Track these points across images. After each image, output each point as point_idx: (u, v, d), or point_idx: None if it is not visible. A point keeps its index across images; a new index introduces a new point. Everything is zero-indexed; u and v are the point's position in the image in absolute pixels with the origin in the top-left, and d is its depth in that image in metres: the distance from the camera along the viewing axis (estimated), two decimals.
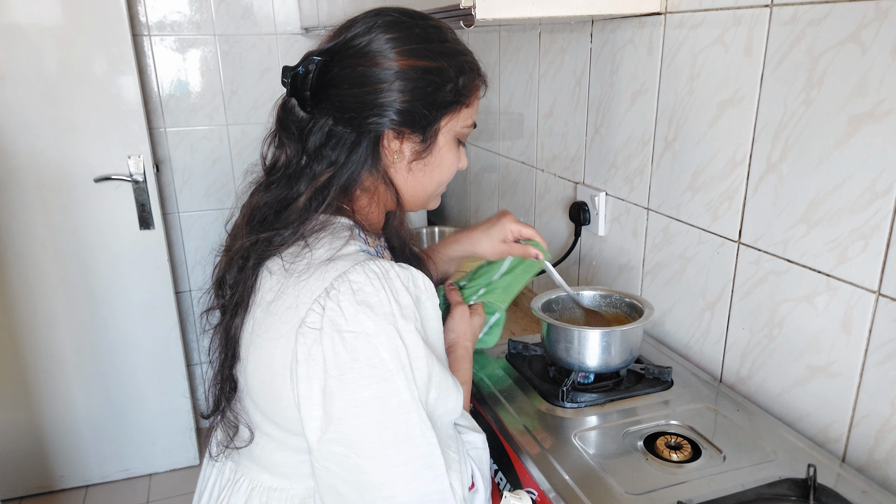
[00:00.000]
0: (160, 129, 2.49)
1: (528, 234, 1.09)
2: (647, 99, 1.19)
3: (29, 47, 2.07)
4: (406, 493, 0.75)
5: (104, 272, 2.33)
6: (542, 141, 1.58)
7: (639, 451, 0.89)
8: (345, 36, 0.82)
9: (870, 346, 0.85)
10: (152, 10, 2.38)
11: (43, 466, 2.47)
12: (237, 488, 0.89)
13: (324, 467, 0.76)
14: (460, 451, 0.81)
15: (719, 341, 1.10)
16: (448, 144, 0.86)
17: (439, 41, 0.83)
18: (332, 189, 0.82)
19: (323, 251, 0.78)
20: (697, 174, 1.09)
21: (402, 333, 0.74)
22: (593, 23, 1.32)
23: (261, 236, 0.81)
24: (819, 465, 0.81)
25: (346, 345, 0.72)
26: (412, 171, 0.86)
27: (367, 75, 0.80)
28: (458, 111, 0.85)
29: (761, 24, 0.94)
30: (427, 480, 0.75)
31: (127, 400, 2.48)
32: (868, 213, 0.82)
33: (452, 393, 0.80)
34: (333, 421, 0.73)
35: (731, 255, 1.05)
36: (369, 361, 0.72)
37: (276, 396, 0.79)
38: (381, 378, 0.73)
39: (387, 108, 0.80)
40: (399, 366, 0.73)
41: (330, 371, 0.73)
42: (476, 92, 0.86)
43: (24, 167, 2.17)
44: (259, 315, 0.80)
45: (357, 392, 0.73)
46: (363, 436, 0.74)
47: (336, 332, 0.72)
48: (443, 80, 0.82)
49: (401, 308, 0.75)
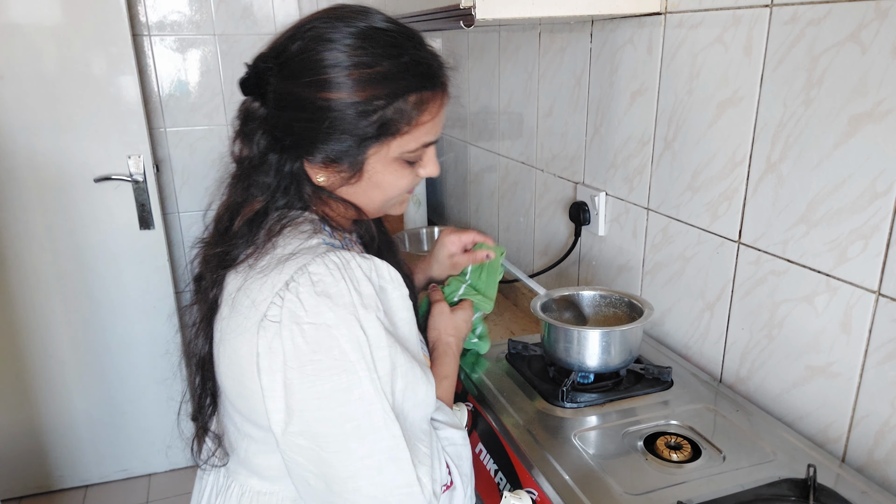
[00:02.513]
0: (160, 128, 2.49)
1: (470, 239, 1.10)
2: (646, 99, 1.19)
3: (28, 47, 2.07)
4: (372, 487, 0.74)
5: (104, 272, 2.33)
6: (542, 141, 1.58)
7: (638, 452, 0.89)
8: (289, 42, 0.78)
9: (870, 346, 0.85)
10: (152, 9, 2.38)
11: (42, 466, 2.47)
12: (229, 494, 0.89)
13: (292, 460, 0.76)
14: (433, 447, 0.80)
15: (719, 341, 1.10)
16: (385, 169, 0.81)
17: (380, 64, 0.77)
18: (269, 215, 0.81)
19: (285, 247, 0.78)
20: (697, 174, 1.09)
21: (363, 323, 0.73)
22: (593, 23, 1.32)
23: (217, 250, 0.82)
24: (819, 466, 0.81)
25: (306, 337, 0.72)
26: (348, 193, 0.84)
27: (291, 99, 0.77)
28: (389, 142, 0.79)
29: (761, 23, 0.94)
30: (393, 473, 0.75)
31: (126, 400, 2.47)
32: (868, 213, 0.82)
33: (422, 385, 0.79)
34: (295, 413, 0.73)
35: (731, 255, 1.05)
36: (330, 353, 0.72)
37: (247, 393, 0.78)
38: (341, 369, 0.72)
39: (305, 141, 0.78)
40: (360, 356, 0.73)
41: (290, 363, 0.72)
42: (419, 116, 0.79)
43: (24, 167, 2.17)
44: (226, 312, 0.80)
45: (318, 384, 0.72)
46: (326, 428, 0.73)
47: (296, 324, 0.72)
48: (367, 112, 0.76)
49: (361, 298, 0.74)
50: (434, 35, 2.24)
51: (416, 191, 2.16)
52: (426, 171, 0.86)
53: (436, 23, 1.21)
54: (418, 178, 0.86)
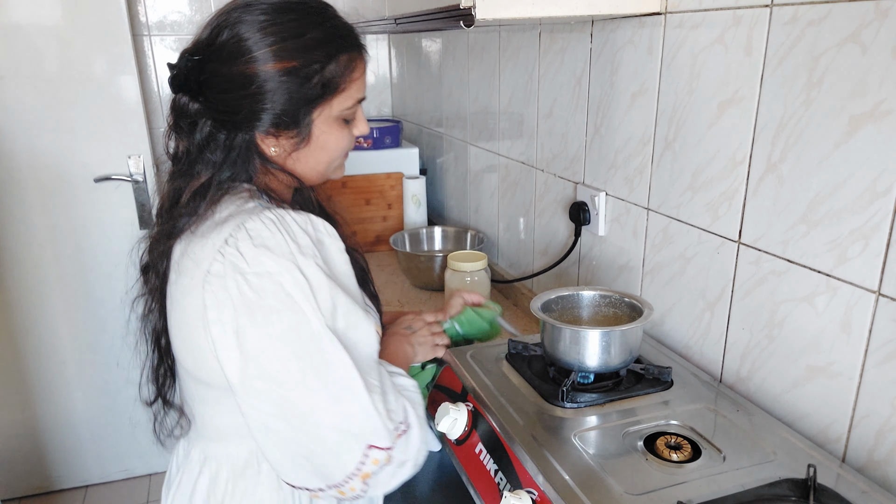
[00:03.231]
0: (160, 129, 2.49)
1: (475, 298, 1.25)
2: (647, 99, 1.19)
3: (29, 47, 2.07)
4: (331, 417, 0.79)
5: (104, 272, 2.33)
6: (542, 141, 1.58)
7: (639, 452, 0.89)
8: (214, 33, 0.85)
9: (870, 346, 0.85)
10: (152, 10, 2.38)
11: (42, 467, 2.47)
12: (190, 461, 0.96)
13: (251, 406, 0.80)
14: (384, 380, 0.85)
15: (719, 341, 1.10)
16: (329, 129, 0.89)
17: (309, 31, 0.84)
18: (213, 187, 0.86)
19: (222, 212, 0.84)
20: (697, 174, 1.10)
21: (303, 269, 0.79)
22: (593, 23, 1.32)
23: (164, 226, 0.88)
24: (819, 465, 0.81)
25: (251, 285, 0.77)
26: (297, 159, 0.90)
27: (233, 79, 0.83)
28: (331, 100, 0.87)
29: (761, 24, 0.94)
30: (349, 401, 0.79)
31: (127, 400, 2.47)
32: (868, 213, 0.82)
33: (363, 323, 0.84)
34: (251, 358, 0.78)
35: (731, 255, 1.05)
36: (276, 297, 0.77)
37: (197, 352, 0.83)
38: (289, 311, 0.77)
39: (255, 114, 0.84)
40: (304, 297, 0.78)
41: (240, 311, 0.77)
42: (351, 74, 0.87)
43: (24, 167, 2.17)
44: (173, 278, 0.86)
45: (268, 327, 0.77)
46: (282, 367, 0.78)
47: (239, 274, 0.78)
48: (308, 75, 0.84)
49: (299, 247, 0.80)
50: (434, 35, 2.25)
51: (416, 191, 2.16)
52: (358, 129, 0.94)
53: (436, 23, 1.21)
54: (353, 138, 0.94)
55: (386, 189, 2.21)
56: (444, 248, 2.08)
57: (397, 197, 2.22)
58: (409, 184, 2.16)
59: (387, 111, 2.91)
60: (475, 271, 1.58)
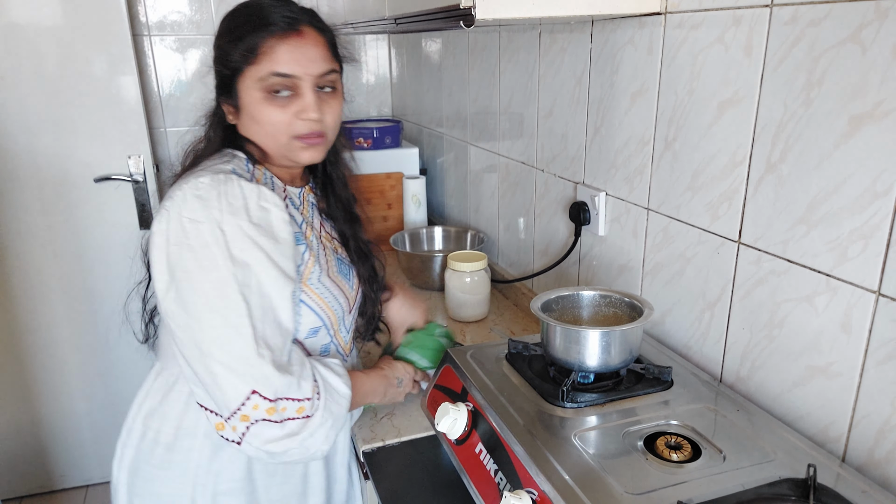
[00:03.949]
0: (160, 128, 2.49)
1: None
2: (647, 99, 1.19)
3: (28, 47, 2.07)
4: (222, 354, 0.92)
5: (104, 272, 2.33)
6: (542, 141, 1.58)
7: (639, 451, 0.89)
8: None
9: (870, 346, 0.85)
10: (152, 10, 2.38)
11: (43, 466, 2.47)
12: (153, 374, 1.16)
13: (173, 324, 0.94)
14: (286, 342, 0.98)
15: (719, 341, 1.10)
16: (255, 100, 1.00)
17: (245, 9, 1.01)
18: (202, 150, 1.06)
19: (200, 167, 1.01)
20: (697, 174, 1.10)
21: (223, 225, 0.93)
22: (593, 23, 1.32)
23: None
24: (819, 465, 0.81)
25: (183, 226, 0.93)
26: (244, 129, 1.05)
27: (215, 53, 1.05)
28: (246, 70, 0.99)
29: (761, 24, 0.94)
30: (240, 346, 0.92)
31: (128, 399, 2.47)
32: (868, 213, 0.82)
33: (276, 285, 0.96)
34: (173, 282, 0.93)
35: (731, 255, 1.05)
36: (197, 240, 0.92)
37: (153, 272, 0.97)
38: (203, 255, 0.92)
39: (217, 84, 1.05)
40: (218, 248, 0.92)
41: (171, 241, 0.94)
42: (260, 48, 0.98)
43: (24, 167, 2.17)
44: None
45: (187, 262, 0.93)
46: (191, 296, 0.93)
47: (177, 214, 0.94)
48: (229, 49, 1.00)
49: (230, 206, 0.94)
50: (434, 35, 2.25)
51: (416, 191, 2.16)
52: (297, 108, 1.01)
53: (436, 23, 1.21)
54: (296, 119, 1.01)
55: (386, 189, 2.21)
56: (445, 248, 2.08)
57: (397, 197, 2.22)
58: (410, 184, 2.16)
59: (387, 111, 2.91)
60: (475, 271, 1.58)
